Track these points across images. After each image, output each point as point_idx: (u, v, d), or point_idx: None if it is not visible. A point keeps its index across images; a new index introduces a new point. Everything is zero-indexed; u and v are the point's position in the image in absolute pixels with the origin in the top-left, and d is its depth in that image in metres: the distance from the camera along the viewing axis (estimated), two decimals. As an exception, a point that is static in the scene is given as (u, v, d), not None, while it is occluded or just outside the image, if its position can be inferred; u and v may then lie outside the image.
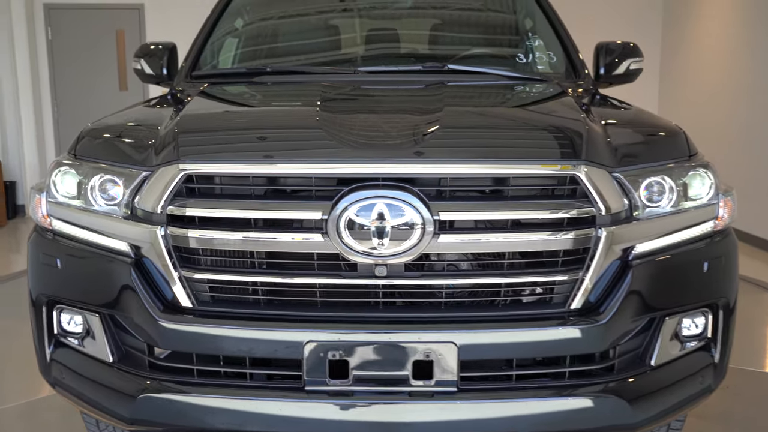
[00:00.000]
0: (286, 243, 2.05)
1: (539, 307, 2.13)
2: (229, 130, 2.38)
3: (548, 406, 2.07)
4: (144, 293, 2.09)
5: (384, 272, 2.05)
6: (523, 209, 2.07)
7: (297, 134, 2.31)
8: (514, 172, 2.07)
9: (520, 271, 2.11)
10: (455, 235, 2.04)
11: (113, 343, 2.21)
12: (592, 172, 2.09)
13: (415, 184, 2.04)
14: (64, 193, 2.30)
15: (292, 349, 2.02)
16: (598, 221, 2.08)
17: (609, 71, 3.35)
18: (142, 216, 2.13)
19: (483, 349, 2.05)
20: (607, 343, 2.11)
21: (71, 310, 2.28)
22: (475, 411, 2.05)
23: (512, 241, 2.06)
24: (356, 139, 2.17)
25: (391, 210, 2.00)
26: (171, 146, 2.16)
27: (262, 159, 2.12)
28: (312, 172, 2.07)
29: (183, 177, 2.08)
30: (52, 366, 2.32)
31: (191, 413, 2.08)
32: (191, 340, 2.08)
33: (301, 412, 2.04)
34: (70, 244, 2.26)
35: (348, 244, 2.00)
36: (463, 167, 2.07)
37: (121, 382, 2.16)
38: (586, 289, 2.09)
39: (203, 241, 2.08)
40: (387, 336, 2.02)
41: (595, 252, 2.08)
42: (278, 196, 2.14)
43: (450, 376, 2.03)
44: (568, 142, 2.21)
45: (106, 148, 2.35)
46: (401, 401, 2.05)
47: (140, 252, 2.13)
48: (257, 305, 2.12)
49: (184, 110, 2.48)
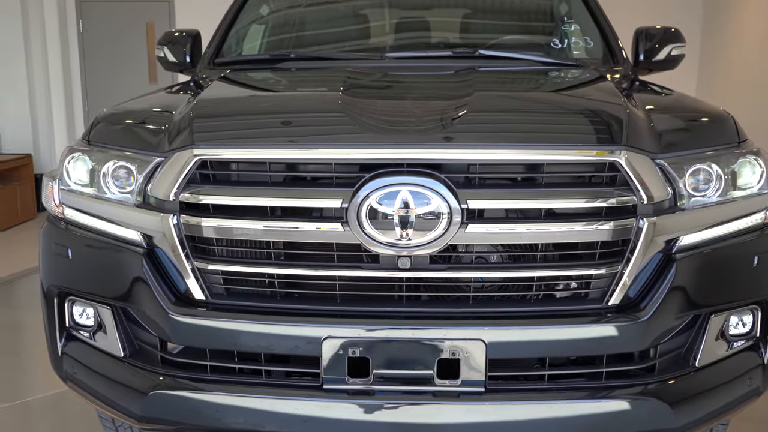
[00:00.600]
0: (305, 233, 1.94)
1: (574, 302, 1.99)
2: (246, 115, 2.27)
3: (583, 409, 1.94)
4: (156, 285, 2.00)
5: (408, 264, 1.92)
6: (558, 198, 1.93)
7: (317, 118, 2.19)
8: (548, 157, 1.93)
9: (554, 264, 1.97)
10: (485, 225, 1.91)
11: (125, 337, 2.12)
12: (634, 158, 1.94)
13: (442, 171, 1.91)
14: (76, 180, 2.21)
15: (309, 345, 1.91)
16: (640, 211, 1.93)
17: (649, 57, 3.20)
18: (154, 204, 2.04)
19: (513, 348, 1.92)
20: (648, 342, 1.96)
21: (83, 303, 2.20)
22: (503, 413, 1.92)
23: (546, 231, 1.92)
24: (380, 124, 2.04)
25: (415, 198, 1.87)
26: (185, 131, 2.06)
27: (280, 144, 2.01)
28: (332, 158, 1.95)
29: (197, 163, 1.97)
30: (63, 360, 2.25)
31: (204, 411, 1.98)
32: (204, 335, 1.98)
33: (319, 411, 1.93)
34: (82, 234, 2.18)
35: (369, 234, 1.88)
36: (493, 152, 1.93)
37: (132, 377, 2.08)
38: (625, 284, 1.95)
39: (217, 230, 1.98)
40: (410, 332, 1.90)
41: (636, 244, 1.93)
42: (296, 183, 2.03)
43: (477, 375, 1.90)
44: (607, 126, 2.07)
45: (121, 133, 2.26)
46: (425, 402, 1.92)
47: (152, 242, 2.04)
48: (273, 299, 2.01)
49: (201, 94, 2.39)
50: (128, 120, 2.34)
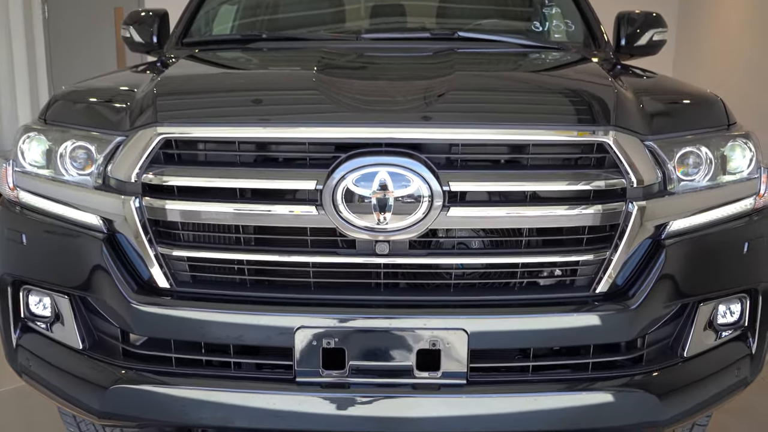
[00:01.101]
0: (276, 216, 1.83)
1: (560, 290, 1.90)
2: (214, 92, 2.14)
3: (568, 401, 1.86)
4: (116, 273, 1.87)
5: (386, 250, 1.82)
6: (544, 180, 1.83)
7: (290, 96, 2.07)
8: (534, 138, 1.84)
9: (539, 250, 1.88)
10: (467, 208, 1.81)
11: (84, 328, 1.99)
12: (623, 139, 1.85)
13: (423, 152, 1.81)
14: (32, 161, 2.07)
15: (281, 335, 1.80)
16: (629, 194, 1.85)
17: (630, 42, 3.13)
18: (115, 186, 1.91)
19: (497, 338, 1.83)
20: (636, 332, 1.88)
21: (39, 292, 2.06)
22: (486, 406, 1.84)
23: (531, 216, 1.83)
24: (357, 103, 1.94)
25: (394, 180, 1.76)
26: (149, 108, 1.93)
27: (251, 122, 1.89)
28: (305, 137, 1.83)
29: (161, 142, 1.85)
30: (18, 352, 2.11)
31: (169, 406, 1.86)
32: (169, 325, 1.86)
33: (292, 405, 1.82)
34: (37, 218, 2.04)
35: (345, 217, 1.78)
36: (477, 132, 1.83)
37: (92, 371, 1.95)
38: (613, 271, 1.87)
39: (183, 213, 1.85)
40: (388, 322, 1.80)
41: (624, 229, 1.85)
42: (268, 163, 1.91)
43: (459, 367, 1.81)
44: (595, 106, 1.98)
45: (80, 112, 2.12)
46: (404, 395, 1.83)
47: (113, 226, 1.91)
48: (243, 286, 1.89)
49: (167, 71, 2.26)
50: (88, 98, 2.21)
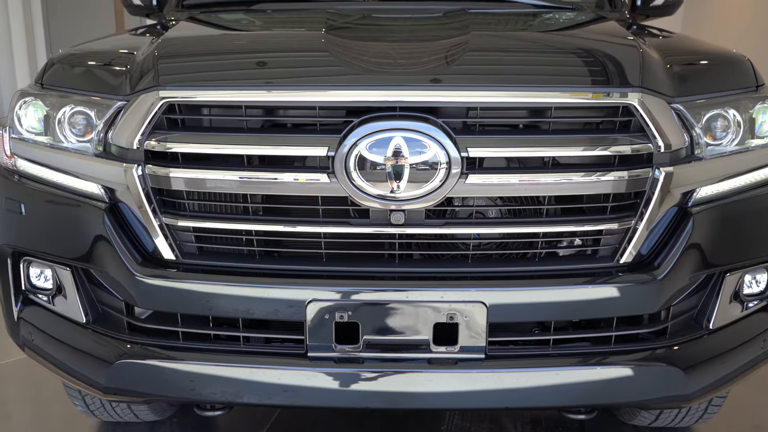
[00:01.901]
0: (286, 185, 1.74)
1: (583, 261, 1.83)
2: (219, 54, 2.04)
3: (590, 376, 1.80)
4: (119, 244, 1.80)
5: (401, 219, 1.74)
6: (567, 145, 1.74)
7: (299, 58, 1.97)
8: (557, 100, 1.74)
9: (561, 219, 1.80)
10: (486, 175, 1.72)
11: (87, 301, 1.92)
12: (649, 101, 1.76)
13: (439, 116, 1.72)
14: (29, 127, 1.98)
15: (292, 309, 1.73)
16: (656, 160, 1.76)
17: (646, 2, 3.00)
18: (116, 153, 1.82)
19: (518, 311, 1.76)
20: (662, 303, 1.81)
21: (40, 263, 1.99)
22: (505, 381, 1.77)
23: (554, 183, 1.74)
24: (369, 64, 1.84)
25: (410, 145, 1.68)
26: (150, 72, 1.84)
27: (258, 85, 1.79)
28: (316, 100, 1.74)
29: (163, 106, 1.76)
30: (20, 325, 2.05)
31: (176, 382, 1.80)
32: (175, 299, 1.79)
33: (303, 381, 1.76)
34: (36, 187, 1.96)
35: (359, 185, 1.69)
36: (497, 95, 1.74)
37: (96, 345, 1.89)
38: (638, 241, 1.79)
39: (188, 182, 1.77)
40: (404, 294, 1.73)
41: (651, 196, 1.77)
42: (276, 129, 1.83)
43: (477, 341, 1.74)
44: (620, 67, 1.87)
45: (78, 76, 2.03)
46: (419, 369, 1.77)
47: (115, 196, 1.83)
48: (252, 258, 1.82)
49: (168, 33, 2.16)
50: (87, 61, 2.11)
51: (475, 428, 2.67)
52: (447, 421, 2.70)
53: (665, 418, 2.49)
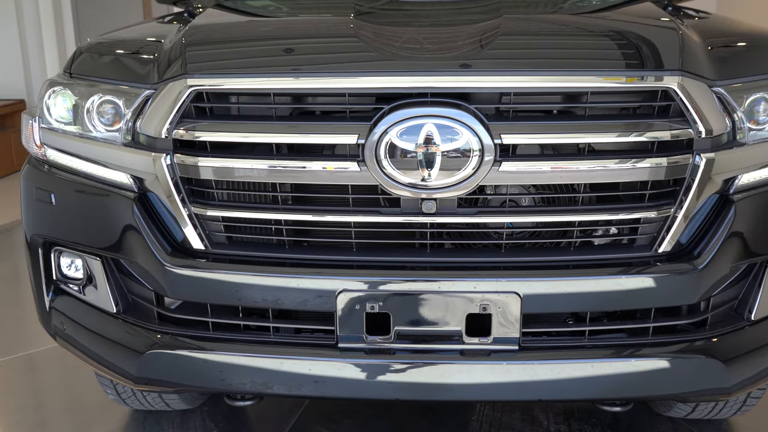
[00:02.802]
0: (315, 173, 1.72)
1: (620, 250, 1.78)
2: (247, 41, 2.02)
3: (627, 368, 1.75)
4: (149, 234, 1.79)
5: (433, 208, 1.70)
6: (604, 131, 1.69)
7: (328, 44, 1.94)
8: (594, 85, 1.69)
9: (598, 207, 1.75)
10: (521, 163, 1.68)
11: (117, 291, 1.92)
12: (690, 84, 1.70)
13: (472, 102, 1.68)
14: (58, 117, 1.98)
15: (322, 299, 1.71)
16: (696, 146, 1.70)
17: (680, -18, 2.90)
18: (145, 142, 1.81)
19: (553, 301, 1.71)
20: (702, 294, 1.75)
21: (70, 253, 1.99)
22: (539, 372, 1.74)
23: (590, 170, 1.69)
24: (400, 50, 1.80)
25: (442, 132, 1.64)
26: (177, 59, 1.82)
27: (286, 72, 1.76)
28: (346, 87, 1.71)
29: (191, 94, 1.74)
30: (52, 315, 2.05)
31: (206, 372, 1.79)
32: (205, 289, 1.77)
33: (334, 371, 1.74)
34: (66, 177, 1.96)
35: (389, 174, 1.66)
36: (531, 80, 1.69)
37: (127, 335, 1.88)
38: (677, 229, 1.73)
39: (217, 171, 1.75)
40: (435, 285, 1.69)
41: (691, 183, 1.71)
42: (305, 117, 1.80)
43: (511, 332, 1.70)
44: (659, 49, 1.81)
45: (105, 64, 2.02)
46: (451, 361, 1.73)
47: (144, 185, 1.82)
48: (281, 248, 1.79)
49: (195, 20, 2.13)
50: (114, 50, 2.10)
51: (506, 419, 2.63)
52: (478, 411, 2.68)
53: (702, 410, 2.44)
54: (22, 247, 2.11)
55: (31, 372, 3.14)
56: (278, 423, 2.62)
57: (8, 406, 2.81)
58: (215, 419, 2.65)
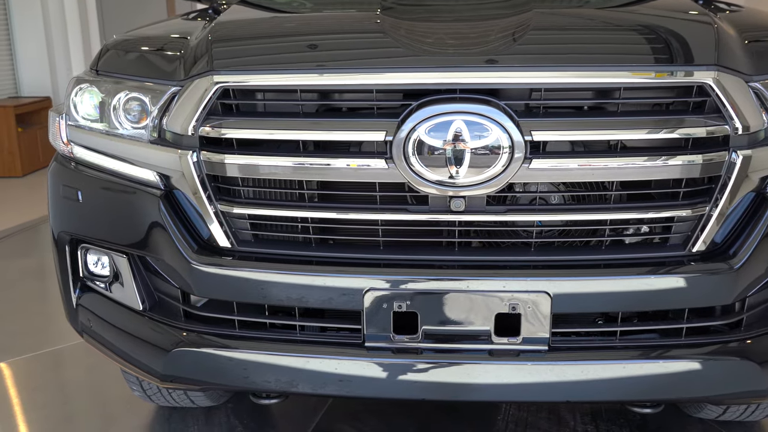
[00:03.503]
0: (342, 171, 1.70)
1: (653, 249, 1.74)
2: (273, 37, 2.00)
3: (659, 369, 1.71)
4: (175, 231, 1.78)
5: (461, 206, 1.68)
6: (637, 127, 1.65)
7: (355, 39, 1.92)
8: (627, 80, 1.65)
9: (631, 205, 1.71)
10: (552, 160, 1.65)
11: (143, 288, 1.91)
12: (726, 80, 1.65)
13: (501, 98, 1.65)
14: (84, 114, 1.98)
15: (349, 298, 1.69)
16: (733, 143, 1.66)
17: (713, -25, 2.84)
18: (171, 140, 1.80)
19: (584, 301, 1.68)
20: (736, 294, 1.71)
21: (97, 251, 1.99)
22: (569, 373, 1.70)
23: (623, 167, 1.65)
24: (428, 45, 1.78)
25: (471, 129, 1.61)
26: (204, 56, 1.81)
27: (313, 68, 1.74)
28: (374, 83, 1.68)
29: (218, 91, 1.73)
30: (78, 312, 2.06)
31: (232, 370, 1.78)
32: (231, 287, 1.76)
33: (360, 370, 1.72)
34: (93, 174, 1.96)
35: (418, 171, 1.64)
36: (562, 75, 1.65)
37: (153, 333, 1.88)
38: (712, 228, 1.69)
39: (243, 168, 1.74)
40: (464, 284, 1.67)
41: (726, 181, 1.67)
42: (333, 113, 1.78)
43: (541, 332, 1.67)
44: (694, 43, 1.77)
45: (132, 62, 2.02)
46: (480, 361, 1.71)
47: (170, 183, 1.81)
48: (308, 246, 1.78)
49: (220, 16, 2.12)
50: (140, 47, 2.09)
51: (532, 418, 2.60)
52: (503, 410, 2.65)
53: (733, 412, 2.39)
54: (48, 243, 2.12)
55: (58, 368, 3.16)
56: (303, 421, 2.61)
57: (36, 401, 2.83)
58: (240, 416, 2.64)
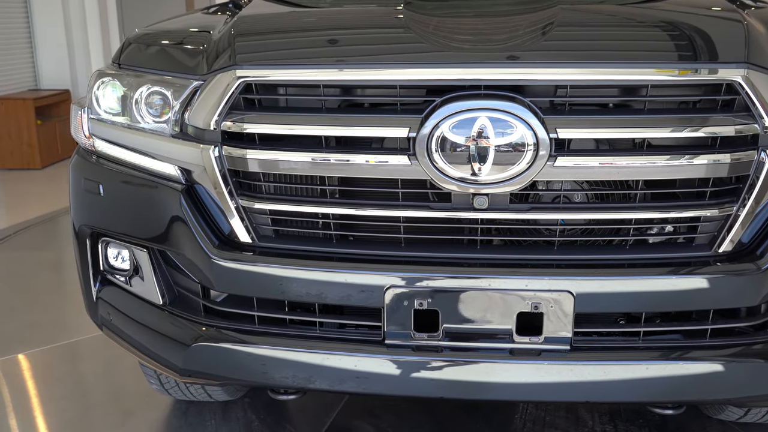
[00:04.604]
0: (364, 167, 1.68)
1: (678, 249, 1.72)
2: (296, 31, 1.99)
3: (683, 370, 1.69)
4: (196, 226, 1.77)
5: (485, 204, 1.66)
6: (665, 126, 1.63)
7: (378, 35, 1.90)
8: (654, 77, 1.63)
9: (657, 204, 1.69)
10: (577, 158, 1.63)
11: (164, 283, 1.92)
12: (756, 78, 1.62)
13: (527, 95, 1.63)
14: (106, 108, 1.98)
15: (369, 295, 1.68)
16: (762, 142, 1.63)
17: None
18: (193, 134, 1.79)
19: (607, 301, 1.66)
20: (764, 295, 1.68)
21: (118, 244, 1.99)
22: (591, 373, 1.68)
23: (649, 166, 1.63)
24: (452, 41, 1.76)
25: (495, 126, 1.59)
26: (226, 51, 1.80)
27: (336, 63, 1.73)
28: (397, 79, 1.67)
29: (241, 86, 1.72)
30: (99, 305, 2.06)
31: (251, 365, 1.78)
32: (251, 282, 1.76)
33: (380, 368, 1.71)
34: (114, 168, 1.96)
35: (441, 168, 1.62)
36: (589, 72, 1.63)
37: (173, 327, 1.88)
38: (740, 228, 1.66)
39: (264, 163, 1.73)
40: (486, 282, 1.65)
41: (755, 181, 1.64)
42: (355, 109, 1.77)
43: (563, 331, 1.66)
44: (723, 40, 1.74)
45: (154, 55, 2.01)
46: (501, 360, 1.69)
47: (192, 177, 1.81)
48: (329, 242, 1.77)
49: (243, 10, 2.12)
50: (162, 41, 2.09)
51: (549, 417, 2.59)
52: (521, 408, 2.63)
53: (755, 414, 2.36)
54: (66, 235, 2.13)
55: (76, 360, 3.18)
56: (319, 416, 2.61)
57: (54, 393, 2.85)
58: (256, 411, 2.65)
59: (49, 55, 8.34)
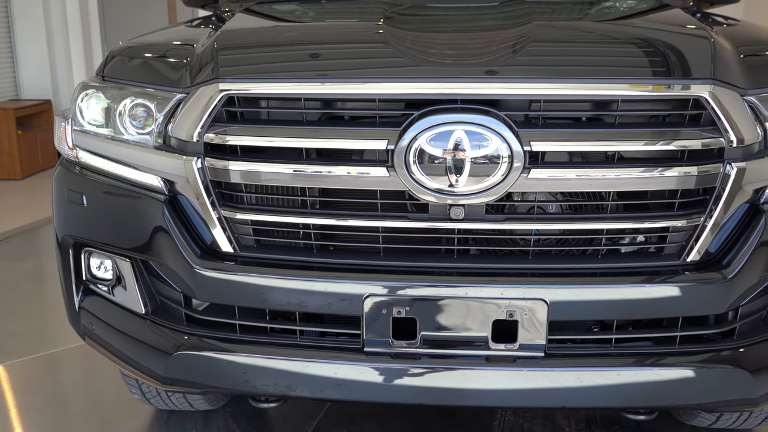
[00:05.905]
0: (344, 178, 1.73)
1: (648, 258, 1.77)
2: (277, 45, 2.03)
3: (654, 376, 1.74)
4: (179, 236, 1.81)
5: (461, 214, 1.71)
6: (634, 139, 1.69)
7: (358, 49, 1.95)
8: (625, 92, 1.69)
9: (627, 215, 1.74)
10: (550, 170, 1.68)
11: (146, 292, 1.94)
12: (722, 93, 1.69)
13: (501, 109, 1.68)
14: (90, 120, 2.01)
15: (349, 303, 1.72)
16: (727, 155, 1.69)
17: (711, -11, 2.89)
18: (176, 146, 1.83)
19: (580, 309, 1.71)
20: (730, 303, 1.74)
21: (100, 254, 2.02)
22: (565, 380, 1.73)
23: (619, 178, 1.69)
24: (430, 55, 1.81)
25: (471, 139, 1.64)
26: (209, 64, 1.84)
27: (317, 77, 1.78)
28: (376, 93, 1.72)
29: (223, 99, 1.76)
30: (81, 315, 2.08)
31: (232, 374, 1.81)
32: (233, 291, 1.79)
33: (360, 375, 1.75)
34: (97, 179, 1.98)
35: (419, 179, 1.67)
36: (562, 87, 1.69)
37: (155, 336, 1.90)
38: (707, 239, 1.72)
39: (246, 175, 1.77)
40: (463, 290, 1.70)
41: (721, 193, 1.70)
42: (335, 122, 1.81)
43: (537, 339, 1.70)
44: (690, 57, 1.80)
45: (138, 68, 2.04)
46: (477, 367, 1.73)
47: (174, 188, 1.84)
48: (309, 252, 1.81)
49: (226, 24, 2.15)
50: (146, 53, 2.12)
51: (527, 424, 2.63)
52: (499, 416, 2.67)
53: (726, 419, 2.42)
54: (47, 246, 2.15)
55: (56, 370, 3.18)
56: (300, 424, 2.64)
57: (33, 404, 2.85)
58: (237, 420, 2.67)
59: (31, 65, 8.31)
